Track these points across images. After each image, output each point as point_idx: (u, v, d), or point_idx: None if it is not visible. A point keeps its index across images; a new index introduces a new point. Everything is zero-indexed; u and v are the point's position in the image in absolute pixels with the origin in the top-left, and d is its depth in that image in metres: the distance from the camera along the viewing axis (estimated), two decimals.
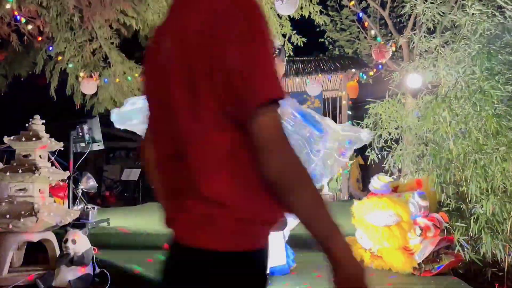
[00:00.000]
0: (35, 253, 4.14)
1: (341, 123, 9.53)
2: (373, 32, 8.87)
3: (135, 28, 7.45)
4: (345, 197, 9.26)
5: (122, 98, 9.74)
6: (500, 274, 3.24)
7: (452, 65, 3.67)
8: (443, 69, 3.74)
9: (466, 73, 3.42)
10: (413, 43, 4.03)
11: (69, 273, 3.53)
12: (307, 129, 3.89)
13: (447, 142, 3.45)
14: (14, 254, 3.84)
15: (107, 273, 3.57)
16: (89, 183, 5.31)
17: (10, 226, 3.55)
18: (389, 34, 9.33)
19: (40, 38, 7.24)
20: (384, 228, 3.43)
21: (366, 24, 8.92)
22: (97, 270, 3.69)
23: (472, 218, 3.19)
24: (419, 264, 3.24)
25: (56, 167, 4.71)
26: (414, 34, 4.02)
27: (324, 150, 4.05)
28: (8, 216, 3.57)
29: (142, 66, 1.13)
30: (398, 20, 9.42)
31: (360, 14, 8.84)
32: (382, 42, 7.80)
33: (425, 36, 3.91)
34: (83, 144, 5.03)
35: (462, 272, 3.36)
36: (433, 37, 3.85)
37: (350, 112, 9.44)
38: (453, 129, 3.37)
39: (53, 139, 4.08)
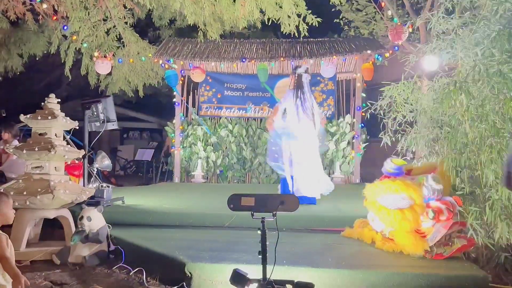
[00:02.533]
0: (52, 229, 4.24)
1: (355, 105, 9.46)
2: (389, 12, 8.67)
3: (149, 8, 7.41)
4: (357, 180, 9.25)
5: (135, 78, 9.80)
6: None
7: (470, 47, 3.58)
8: (460, 51, 3.66)
9: (485, 55, 3.34)
10: (431, 24, 3.92)
11: (84, 249, 3.62)
12: None
13: (463, 126, 3.40)
14: (31, 230, 3.94)
15: (122, 250, 3.65)
16: (103, 162, 5.39)
17: (27, 203, 3.63)
18: (406, 15, 9.14)
19: (54, 17, 7.25)
20: (396, 211, 3.43)
21: (383, 4, 8.74)
22: (112, 247, 3.76)
23: (486, 203, 3.16)
24: (430, 247, 3.24)
25: (70, 146, 4.78)
26: (432, 15, 3.92)
27: None
28: (25, 193, 3.66)
29: None
30: (415, 0, 9.22)
31: None
32: (399, 23, 7.64)
33: (443, 17, 3.80)
34: (97, 124, 5.07)
35: (474, 256, 3.35)
36: (452, 18, 3.75)
37: (364, 95, 9.34)
38: (470, 113, 3.31)
39: (68, 118, 4.13)
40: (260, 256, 2.38)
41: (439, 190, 3.43)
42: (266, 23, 6.86)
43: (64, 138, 4.30)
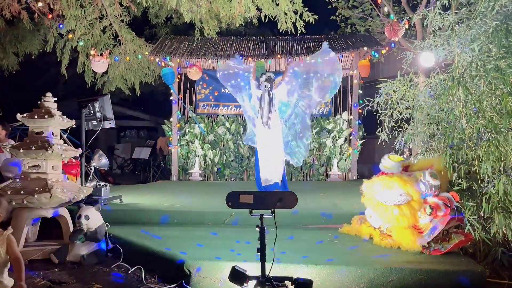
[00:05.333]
0: (50, 228, 4.23)
1: (351, 102, 9.47)
2: (386, 9, 8.68)
3: (145, 6, 7.38)
4: (355, 177, 9.27)
5: (132, 76, 9.76)
6: (510, 253, 3.24)
7: (466, 43, 3.60)
8: (457, 47, 3.67)
9: (482, 51, 3.35)
10: (427, 20, 3.93)
11: (83, 248, 3.62)
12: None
13: (460, 122, 3.41)
14: (29, 229, 3.93)
15: (120, 248, 3.64)
16: (101, 160, 5.37)
17: (25, 202, 3.62)
18: (403, 12, 9.14)
19: (50, 16, 7.21)
20: (393, 207, 3.44)
21: (379, 1, 8.73)
22: (110, 245, 3.76)
23: (483, 198, 3.18)
24: (428, 242, 3.26)
25: (67, 144, 4.76)
26: (428, 11, 3.93)
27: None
28: (22, 192, 3.65)
29: None
30: None
31: None
32: (395, 20, 7.64)
33: (439, 13, 3.82)
34: (94, 122, 5.06)
35: (472, 251, 3.37)
36: (448, 14, 3.76)
37: (361, 92, 9.35)
38: (467, 109, 3.33)
39: (65, 117, 4.12)
40: (259, 253, 2.39)
41: (437, 186, 3.45)
42: (263, 20, 6.85)
43: (61, 137, 4.28)
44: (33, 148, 3.80)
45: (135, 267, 3.35)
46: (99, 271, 3.42)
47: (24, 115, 3.95)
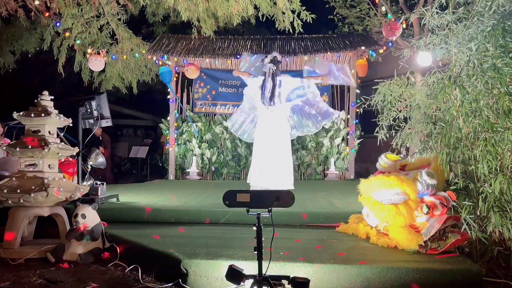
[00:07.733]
0: (46, 227, 4.22)
1: (349, 101, 9.49)
2: (383, 8, 8.69)
3: (142, 4, 7.37)
4: (352, 176, 9.28)
5: (129, 75, 9.74)
6: (506, 253, 3.26)
7: (464, 42, 3.60)
8: (454, 46, 3.68)
9: (479, 50, 3.36)
10: (425, 19, 3.94)
11: (79, 247, 3.61)
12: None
13: (457, 121, 3.41)
14: (25, 228, 3.92)
15: (117, 247, 3.63)
16: (97, 159, 5.36)
17: (21, 201, 3.61)
18: (400, 11, 9.16)
19: (47, 14, 7.20)
20: (390, 206, 3.44)
21: (376, 0, 8.75)
22: (107, 244, 3.75)
23: (480, 197, 3.19)
24: (425, 242, 3.26)
25: (64, 143, 4.75)
26: (426, 10, 3.93)
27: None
28: (18, 190, 3.63)
29: None
30: None
31: None
32: (393, 19, 7.65)
33: (437, 13, 3.82)
34: (91, 121, 5.04)
35: (468, 251, 3.38)
36: (445, 14, 3.77)
37: (358, 91, 9.35)
38: (464, 108, 3.33)
39: (61, 115, 4.10)
40: (256, 252, 2.38)
41: (433, 185, 3.45)
42: (261, 20, 6.85)
43: (58, 135, 4.27)
44: (30, 146, 3.78)
45: (132, 266, 3.34)
46: (96, 270, 3.41)
47: (21, 113, 3.94)
